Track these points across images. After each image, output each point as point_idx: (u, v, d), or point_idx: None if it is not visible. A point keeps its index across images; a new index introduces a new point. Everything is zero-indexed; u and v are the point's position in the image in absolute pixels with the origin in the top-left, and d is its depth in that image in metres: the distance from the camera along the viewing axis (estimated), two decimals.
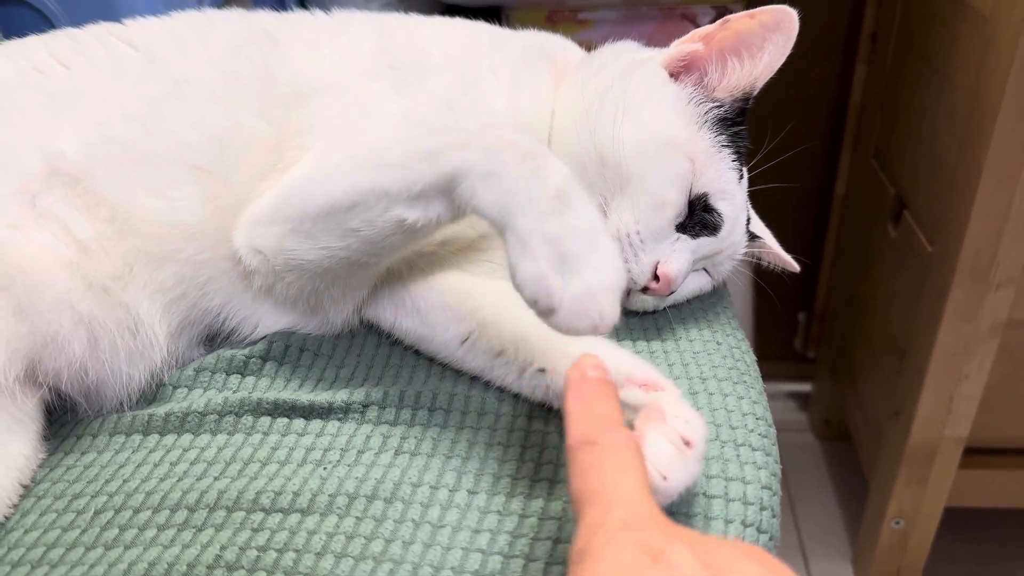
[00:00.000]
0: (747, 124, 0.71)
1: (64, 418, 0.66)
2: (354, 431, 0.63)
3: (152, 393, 0.68)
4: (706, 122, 0.69)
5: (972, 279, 1.10)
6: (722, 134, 0.69)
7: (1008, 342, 1.16)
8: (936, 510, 1.32)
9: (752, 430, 0.62)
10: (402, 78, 0.70)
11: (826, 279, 1.69)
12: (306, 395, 0.65)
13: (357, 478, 0.58)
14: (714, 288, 0.78)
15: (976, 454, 1.30)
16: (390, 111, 0.68)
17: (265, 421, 0.63)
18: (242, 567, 0.52)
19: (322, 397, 0.65)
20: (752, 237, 0.76)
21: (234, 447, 0.62)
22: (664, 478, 0.49)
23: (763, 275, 0.83)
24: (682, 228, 0.69)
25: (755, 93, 0.70)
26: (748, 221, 0.75)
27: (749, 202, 0.75)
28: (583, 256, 0.49)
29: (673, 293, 0.70)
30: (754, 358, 0.73)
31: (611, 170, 0.67)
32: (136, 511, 0.57)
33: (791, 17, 0.66)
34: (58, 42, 0.71)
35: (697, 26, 0.83)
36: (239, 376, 0.68)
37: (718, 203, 0.69)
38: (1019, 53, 0.96)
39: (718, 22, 0.69)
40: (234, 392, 0.67)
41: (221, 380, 0.68)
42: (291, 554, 0.53)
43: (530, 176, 0.51)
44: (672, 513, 0.54)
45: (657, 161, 0.67)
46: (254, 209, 0.64)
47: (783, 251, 0.79)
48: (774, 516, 0.58)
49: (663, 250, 0.68)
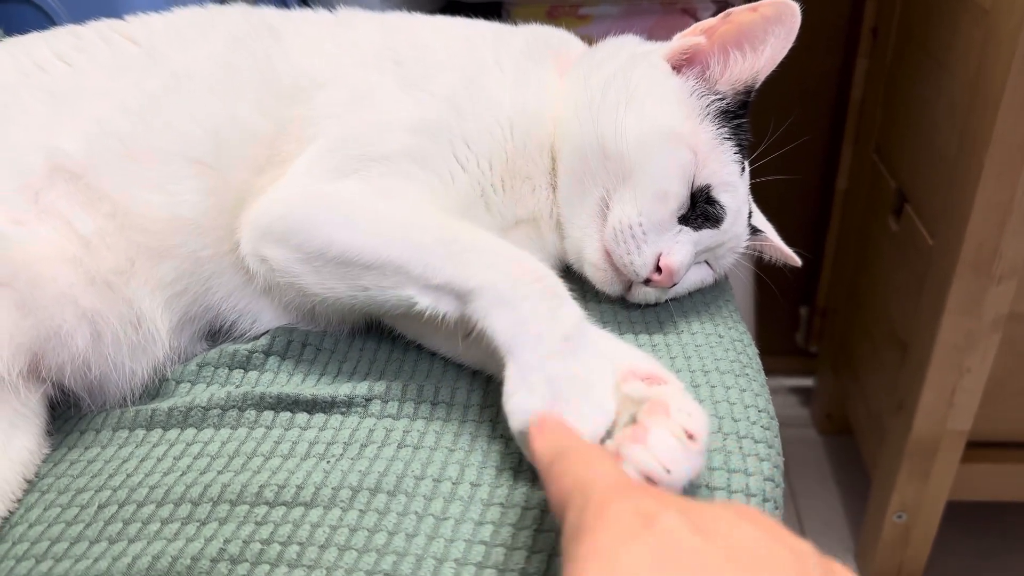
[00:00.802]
0: (749, 117, 0.71)
1: (68, 413, 0.66)
2: (357, 425, 0.63)
3: (155, 388, 0.68)
4: (708, 115, 0.69)
5: (974, 272, 1.10)
6: (724, 127, 0.69)
7: (1010, 335, 1.16)
8: (938, 504, 1.32)
9: (754, 423, 0.62)
10: (405, 75, 0.70)
11: (828, 274, 1.69)
12: (309, 389, 0.65)
13: (360, 471, 0.58)
14: (716, 281, 0.78)
15: (978, 448, 1.30)
16: (395, 111, 0.68)
17: (268, 415, 0.64)
18: (246, 560, 0.52)
19: (325, 391, 0.65)
20: (754, 231, 0.76)
21: (237, 441, 0.62)
22: (668, 471, 0.49)
23: (765, 270, 0.83)
24: (684, 220, 0.69)
25: (757, 86, 0.70)
26: (750, 215, 0.75)
27: (751, 196, 0.75)
28: (574, 402, 0.53)
29: (675, 285, 0.70)
30: (756, 351, 0.73)
31: (614, 162, 0.67)
32: (140, 505, 0.57)
33: (793, 10, 0.66)
34: (60, 39, 0.71)
35: (698, 20, 0.83)
36: (242, 371, 0.68)
37: (720, 195, 0.69)
38: (1020, 46, 0.96)
39: (720, 15, 0.69)
40: (237, 387, 0.67)
41: (224, 375, 0.68)
42: (295, 547, 0.53)
43: (546, 317, 0.55)
44: None
45: (660, 153, 0.67)
46: (262, 211, 0.64)
47: (785, 245, 0.79)
48: (777, 508, 0.58)
49: (665, 242, 0.68)
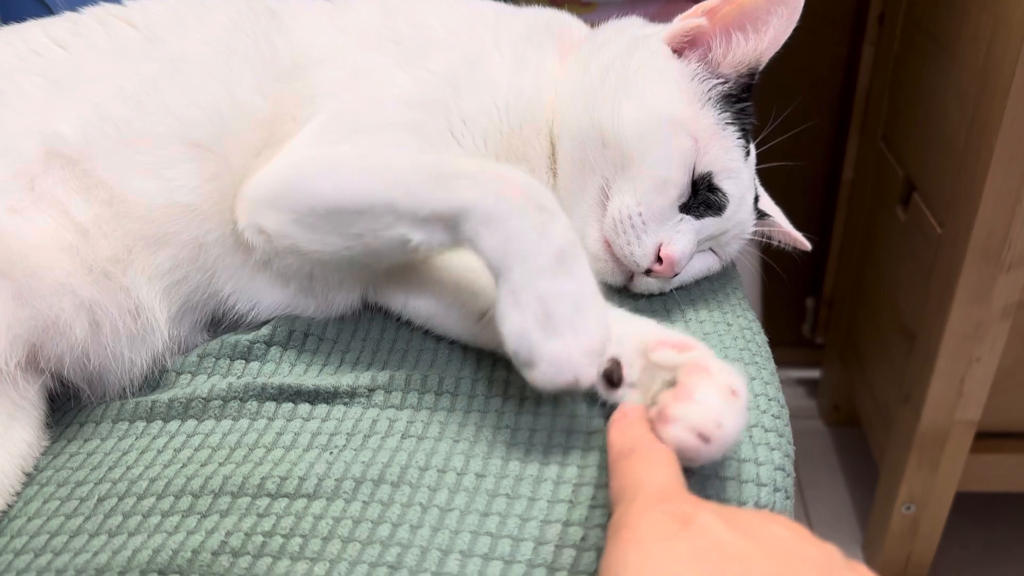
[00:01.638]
0: (753, 101, 0.70)
1: (67, 405, 0.66)
2: (360, 415, 0.62)
3: (155, 379, 0.67)
4: (710, 99, 0.68)
5: (983, 260, 1.09)
6: (727, 111, 0.68)
7: (1020, 324, 1.15)
8: (947, 495, 1.31)
9: (764, 411, 0.61)
10: (405, 53, 0.69)
11: (834, 264, 1.68)
12: (311, 379, 0.65)
13: (363, 462, 0.57)
14: (723, 269, 0.77)
15: (987, 438, 1.28)
16: (393, 86, 0.67)
17: (270, 406, 0.63)
18: (248, 553, 0.51)
19: (327, 381, 0.64)
20: (761, 215, 0.75)
21: (239, 432, 0.61)
22: (719, 425, 0.49)
23: (771, 261, 0.82)
24: (686, 208, 0.68)
25: (760, 69, 0.69)
26: (756, 199, 0.74)
27: (758, 180, 0.74)
28: (568, 319, 0.52)
29: (678, 275, 0.69)
30: (765, 339, 0.72)
31: (612, 150, 0.66)
32: (140, 498, 0.56)
33: None
34: (57, 25, 0.70)
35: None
36: (243, 361, 0.67)
37: (723, 182, 0.68)
38: None
39: None
40: (238, 377, 0.66)
41: (225, 365, 0.67)
42: (297, 539, 0.52)
43: (535, 233, 0.53)
44: None
45: (659, 140, 0.66)
46: (255, 184, 0.64)
47: (793, 229, 0.78)
48: (787, 497, 0.58)
49: (666, 231, 0.67)
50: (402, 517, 0.53)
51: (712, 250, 0.74)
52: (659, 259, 0.67)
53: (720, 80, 0.68)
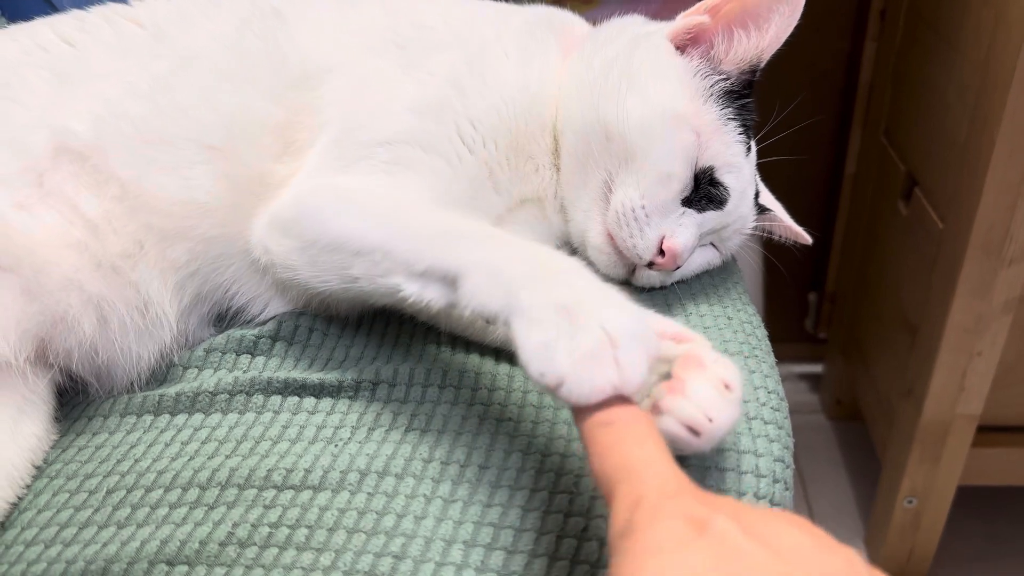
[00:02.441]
0: (756, 97, 0.71)
1: (75, 399, 0.67)
2: (364, 409, 0.63)
3: (163, 374, 0.68)
4: (712, 95, 0.68)
5: (984, 254, 1.09)
6: (728, 107, 0.68)
7: (1021, 318, 1.15)
8: (949, 488, 1.31)
9: (764, 403, 0.62)
10: (409, 56, 0.69)
11: (836, 259, 1.68)
12: (316, 374, 0.65)
13: (368, 454, 0.58)
14: (723, 263, 0.77)
15: (989, 432, 1.29)
16: (400, 93, 0.68)
17: (275, 400, 0.63)
18: (254, 544, 0.52)
19: (332, 376, 0.65)
20: (762, 210, 0.76)
21: (245, 426, 0.62)
22: (710, 420, 0.49)
23: (773, 256, 0.83)
24: (688, 202, 0.68)
25: (762, 65, 0.69)
26: (757, 195, 0.74)
27: (759, 175, 0.75)
28: (594, 310, 0.45)
29: (679, 268, 0.70)
30: (765, 333, 0.73)
31: (616, 144, 0.67)
32: (148, 490, 0.57)
33: None
34: (63, 22, 0.71)
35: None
36: (249, 356, 0.68)
37: (724, 176, 0.69)
38: None
39: None
40: (244, 372, 0.67)
41: (231, 360, 0.68)
42: (303, 530, 0.53)
43: (539, 273, 0.49)
44: None
45: (662, 134, 0.66)
46: (276, 207, 0.64)
47: (794, 223, 0.78)
48: (787, 489, 0.58)
49: (669, 224, 0.67)
50: (406, 508, 0.54)
51: (713, 245, 0.74)
52: (661, 252, 0.67)
53: (722, 76, 0.69)
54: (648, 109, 0.66)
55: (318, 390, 0.64)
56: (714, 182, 0.68)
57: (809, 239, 0.78)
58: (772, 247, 0.82)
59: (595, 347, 0.43)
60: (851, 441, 1.71)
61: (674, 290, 0.74)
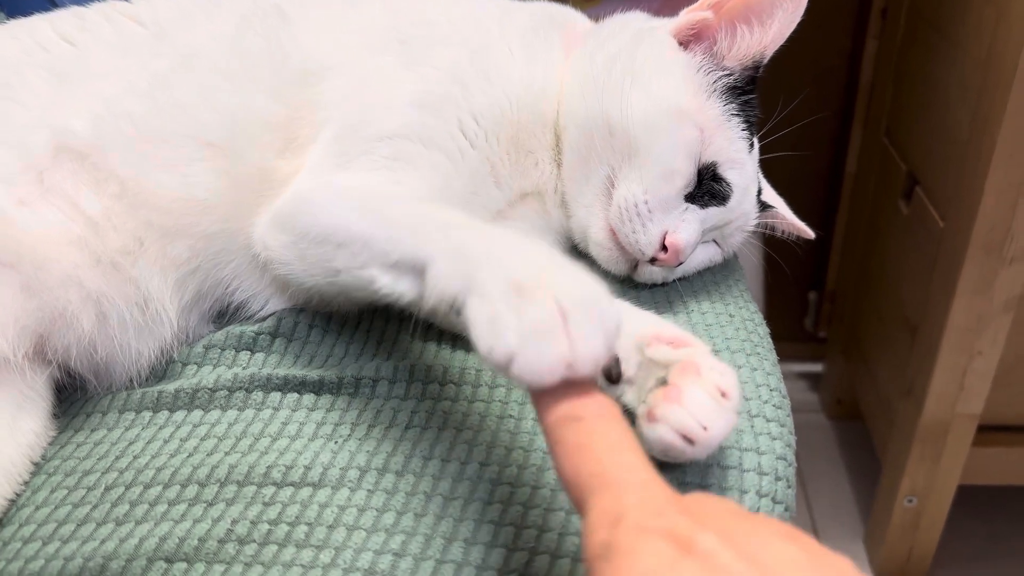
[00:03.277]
0: (757, 93, 0.71)
1: (74, 396, 0.66)
2: (364, 406, 0.62)
3: (162, 370, 0.68)
4: (715, 91, 0.68)
5: (985, 254, 1.09)
6: (732, 103, 0.68)
7: (1021, 317, 1.15)
8: (949, 488, 1.31)
9: (766, 401, 0.62)
10: (411, 52, 0.69)
11: (837, 258, 1.68)
12: (316, 371, 0.65)
13: (368, 452, 0.58)
14: (725, 260, 0.77)
15: (989, 431, 1.29)
16: (401, 88, 0.68)
17: (275, 397, 0.63)
18: (253, 540, 0.52)
19: (332, 373, 0.64)
20: (764, 206, 0.75)
21: (244, 422, 0.61)
22: (705, 428, 0.49)
23: (774, 255, 0.82)
24: (691, 198, 0.68)
25: (765, 61, 0.69)
26: (759, 191, 0.74)
27: (760, 172, 0.75)
28: (548, 283, 0.42)
29: (682, 264, 0.69)
30: (767, 330, 0.72)
31: (619, 139, 0.67)
32: (147, 487, 0.57)
33: None
34: (63, 20, 0.71)
35: None
36: (248, 352, 0.68)
37: (727, 172, 0.68)
38: None
39: None
40: (244, 368, 0.66)
41: (231, 356, 0.68)
42: (302, 527, 0.52)
43: (496, 252, 0.46)
44: (686, 484, 0.54)
45: (665, 130, 0.66)
46: (279, 204, 0.64)
47: (796, 219, 0.78)
48: (789, 487, 0.58)
49: (671, 220, 0.67)
50: (406, 505, 0.54)
51: (715, 242, 0.74)
52: (664, 247, 0.67)
53: (725, 72, 0.69)
54: (651, 104, 0.66)
55: (317, 387, 0.64)
56: (717, 178, 0.68)
57: (812, 234, 0.78)
58: (773, 246, 0.81)
59: (545, 319, 0.40)
60: (851, 440, 1.71)
61: (675, 287, 0.74)
